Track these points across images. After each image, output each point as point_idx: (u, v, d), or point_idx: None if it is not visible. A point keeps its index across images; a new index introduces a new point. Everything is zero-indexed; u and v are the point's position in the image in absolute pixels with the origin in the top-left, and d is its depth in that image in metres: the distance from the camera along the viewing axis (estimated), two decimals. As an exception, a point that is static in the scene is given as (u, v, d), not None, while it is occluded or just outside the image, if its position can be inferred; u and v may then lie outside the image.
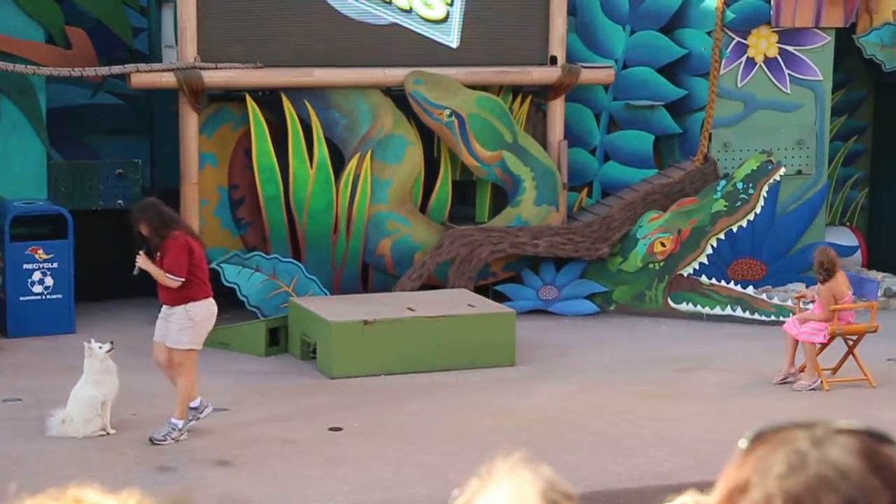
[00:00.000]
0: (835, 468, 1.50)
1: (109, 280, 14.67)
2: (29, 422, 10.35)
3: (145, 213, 10.11)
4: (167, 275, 9.93)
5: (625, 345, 13.44)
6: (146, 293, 14.81)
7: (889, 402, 11.39)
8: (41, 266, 13.38)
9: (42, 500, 1.60)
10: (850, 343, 12.00)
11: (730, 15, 15.23)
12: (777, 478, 1.52)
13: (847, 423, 1.56)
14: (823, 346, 11.93)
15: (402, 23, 14.38)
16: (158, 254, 9.98)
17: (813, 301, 12.37)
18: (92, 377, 10.13)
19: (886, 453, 1.53)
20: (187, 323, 10.02)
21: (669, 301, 14.68)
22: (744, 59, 15.52)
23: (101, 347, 10.16)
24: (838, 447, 1.52)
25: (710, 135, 15.47)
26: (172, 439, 10.03)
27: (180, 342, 10.04)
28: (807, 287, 14.77)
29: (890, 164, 17.09)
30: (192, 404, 10.20)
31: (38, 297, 13.39)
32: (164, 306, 10.16)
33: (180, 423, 10.10)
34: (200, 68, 13.60)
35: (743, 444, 1.60)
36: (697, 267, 14.71)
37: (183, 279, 9.94)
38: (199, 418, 10.23)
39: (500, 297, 14.37)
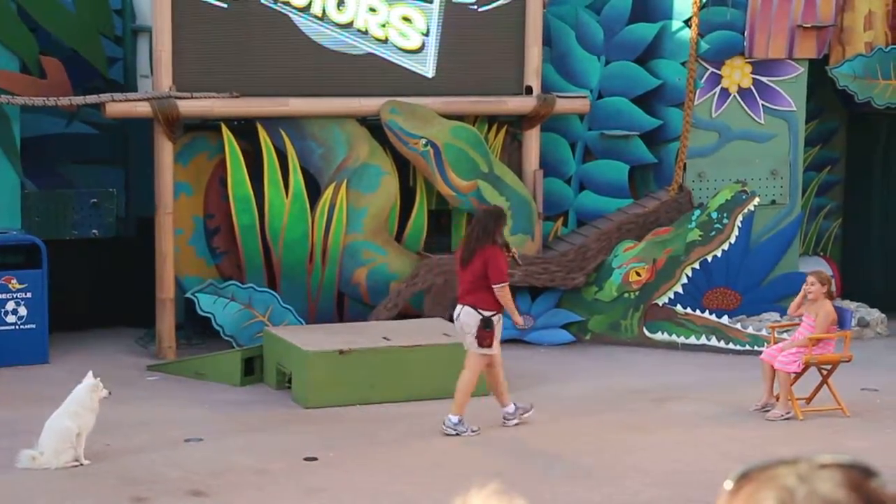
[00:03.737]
0: (825, 502, 1.49)
1: (84, 310, 14.61)
2: (1, 452, 10.27)
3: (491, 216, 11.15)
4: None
5: (600, 374, 13.44)
6: (120, 323, 14.82)
7: (863, 431, 11.42)
8: (14, 296, 13.31)
9: None
10: (825, 372, 12.04)
11: (704, 46, 15.31)
12: None
13: (830, 457, 1.56)
14: (798, 375, 11.97)
15: (377, 53, 14.40)
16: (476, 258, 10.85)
17: (792, 326, 12.41)
18: (73, 410, 10.06)
19: (872, 485, 1.53)
20: None
21: (645, 330, 14.70)
22: (718, 89, 15.60)
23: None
24: (825, 481, 1.51)
25: (685, 165, 15.53)
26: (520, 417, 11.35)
27: None
28: (781, 317, 14.84)
29: (863, 195, 17.18)
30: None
31: (12, 328, 13.30)
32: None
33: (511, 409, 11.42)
34: (176, 98, 13.59)
35: (728, 485, 1.59)
36: (672, 296, 14.74)
37: None
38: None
39: (475, 327, 14.33)
